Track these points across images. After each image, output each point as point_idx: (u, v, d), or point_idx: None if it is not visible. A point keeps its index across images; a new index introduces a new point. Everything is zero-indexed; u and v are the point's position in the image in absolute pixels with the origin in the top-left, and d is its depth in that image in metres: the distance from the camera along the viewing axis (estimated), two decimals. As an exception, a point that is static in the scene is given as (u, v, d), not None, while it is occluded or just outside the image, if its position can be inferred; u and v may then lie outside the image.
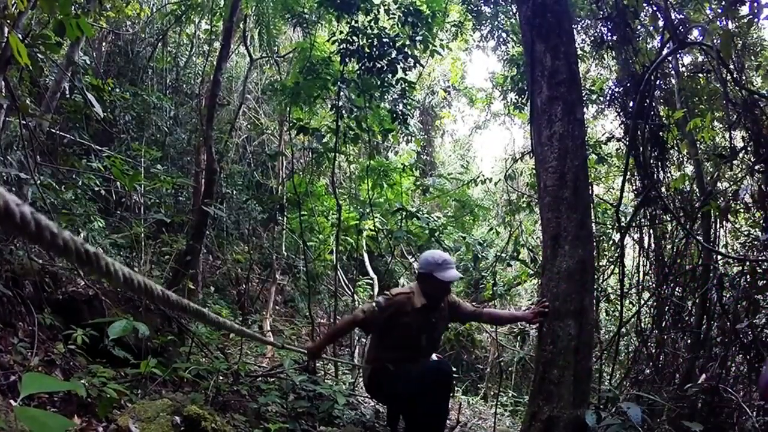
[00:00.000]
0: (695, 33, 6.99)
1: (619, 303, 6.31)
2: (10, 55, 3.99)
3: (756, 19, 5.57)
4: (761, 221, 6.34)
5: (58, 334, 4.88)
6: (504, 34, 10.97)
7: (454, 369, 13.54)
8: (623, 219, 6.90)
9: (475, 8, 10.68)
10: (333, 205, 11.42)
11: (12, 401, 3.50)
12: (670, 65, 7.47)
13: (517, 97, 10.70)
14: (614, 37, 7.51)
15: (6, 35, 4.17)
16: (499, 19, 10.80)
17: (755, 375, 5.26)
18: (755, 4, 5.14)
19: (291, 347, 5.56)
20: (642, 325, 7.00)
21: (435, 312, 4.43)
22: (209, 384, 5.34)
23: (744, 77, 7.13)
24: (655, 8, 6.18)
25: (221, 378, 5.91)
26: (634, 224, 7.02)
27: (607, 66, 9.94)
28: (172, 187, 9.62)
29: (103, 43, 12.35)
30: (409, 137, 11.68)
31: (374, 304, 4.25)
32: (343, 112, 8.49)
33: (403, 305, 4.23)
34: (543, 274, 4.42)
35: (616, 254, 7.13)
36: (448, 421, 9.33)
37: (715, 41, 5.26)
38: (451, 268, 4.22)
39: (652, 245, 7.35)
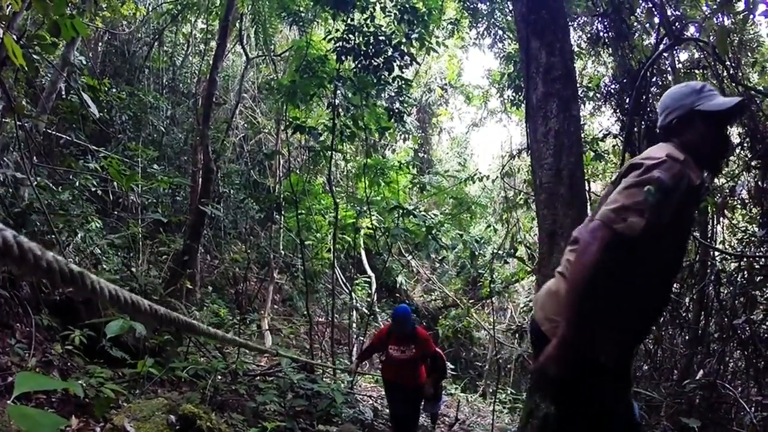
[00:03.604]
0: (691, 29, 6.98)
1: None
2: (6, 56, 3.98)
3: (752, 16, 5.58)
4: (758, 217, 6.35)
5: (56, 335, 4.88)
6: (500, 31, 10.98)
7: (452, 366, 13.43)
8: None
9: (471, 5, 10.68)
10: (330, 204, 11.42)
11: (9, 402, 3.50)
12: (667, 62, 7.46)
13: (513, 94, 10.71)
14: (610, 34, 7.51)
15: (1, 36, 4.15)
16: (495, 16, 10.81)
17: (753, 371, 5.28)
18: (751, 0, 5.14)
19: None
20: (639, 321, 6.99)
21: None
22: (207, 383, 5.35)
23: (740, 73, 7.12)
24: (650, 5, 6.18)
25: (219, 377, 5.91)
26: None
27: (604, 63, 9.92)
28: (169, 186, 9.62)
29: (99, 43, 12.33)
30: (406, 135, 11.70)
31: (649, 188, 2.03)
32: (340, 110, 8.49)
33: (687, 180, 2.14)
34: (539, 271, 4.42)
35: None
36: (446, 418, 9.40)
37: (711, 37, 5.26)
38: (718, 95, 2.32)
39: (649, 242, 7.34)
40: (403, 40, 8.16)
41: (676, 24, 6.25)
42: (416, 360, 5.54)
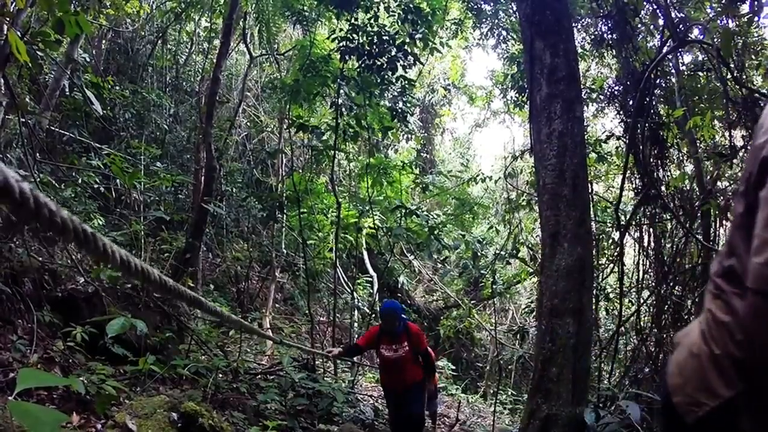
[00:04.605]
0: (695, 31, 6.98)
1: (618, 301, 6.30)
2: (10, 52, 3.98)
3: (756, 18, 5.57)
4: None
5: (58, 332, 4.88)
6: (504, 32, 10.97)
7: (453, 367, 13.37)
8: (623, 217, 6.89)
9: (475, 6, 10.67)
10: (332, 203, 11.43)
11: (10, 398, 3.50)
12: (670, 63, 7.45)
13: (517, 95, 10.71)
14: (614, 36, 7.50)
15: (5, 33, 4.16)
16: (499, 17, 10.80)
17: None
18: (756, 3, 5.13)
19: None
20: (641, 323, 6.99)
21: None
22: (208, 381, 5.35)
23: (744, 76, 7.10)
24: (655, 6, 6.17)
25: (220, 375, 5.92)
26: (633, 223, 7.01)
27: (607, 64, 9.91)
28: (172, 184, 9.61)
29: (103, 41, 12.33)
30: (409, 135, 11.68)
31: None
32: (343, 109, 8.49)
33: None
34: (542, 272, 4.42)
35: (616, 253, 7.13)
36: (447, 419, 9.40)
37: (715, 40, 5.25)
38: None
39: (652, 244, 7.35)
40: (407, 40, 8.16)
41: (681, 26, 6.24)
42: (410, 359, 5.16)
